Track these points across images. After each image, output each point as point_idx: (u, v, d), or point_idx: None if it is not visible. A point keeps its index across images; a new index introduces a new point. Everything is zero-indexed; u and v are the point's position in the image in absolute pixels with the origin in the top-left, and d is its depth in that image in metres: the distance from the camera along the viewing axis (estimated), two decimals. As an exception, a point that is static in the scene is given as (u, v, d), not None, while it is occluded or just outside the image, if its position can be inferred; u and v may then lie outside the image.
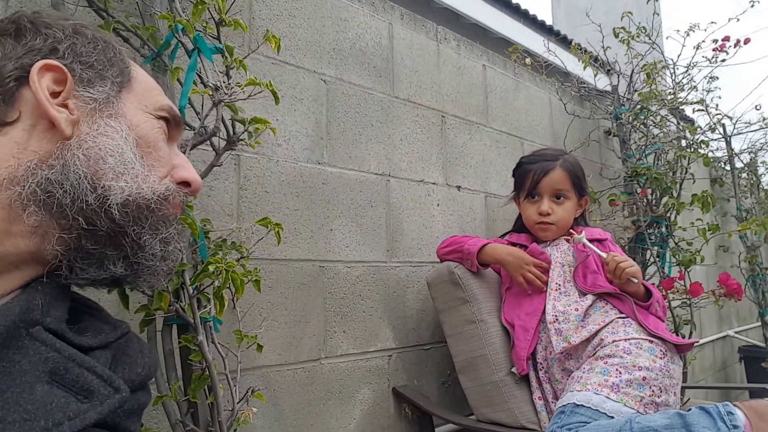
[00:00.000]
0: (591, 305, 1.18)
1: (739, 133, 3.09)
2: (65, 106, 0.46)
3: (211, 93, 0.85)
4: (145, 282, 0.51)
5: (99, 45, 0.50)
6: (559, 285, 1.24)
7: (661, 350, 1.09)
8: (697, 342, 1.18)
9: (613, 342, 1.10)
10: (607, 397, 0.99)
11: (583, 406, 0.98)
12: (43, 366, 0.41)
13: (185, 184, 0.54)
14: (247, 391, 0.90)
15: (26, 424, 0.38)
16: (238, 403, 0.88)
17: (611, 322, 1.14)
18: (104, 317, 0.53)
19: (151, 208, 0.48)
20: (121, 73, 0.51)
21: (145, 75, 0.55)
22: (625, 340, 1.09)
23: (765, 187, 3.46)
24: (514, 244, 1.35)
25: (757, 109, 3.00)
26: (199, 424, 0.83)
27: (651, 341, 1.10)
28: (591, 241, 1.27)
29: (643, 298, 1.18)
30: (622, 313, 1.16)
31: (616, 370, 1.04)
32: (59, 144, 0.45)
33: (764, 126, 3.02)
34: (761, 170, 3.45)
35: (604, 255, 1.18)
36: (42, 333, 0.43)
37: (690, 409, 0.87)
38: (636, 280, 1.13)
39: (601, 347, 1.10)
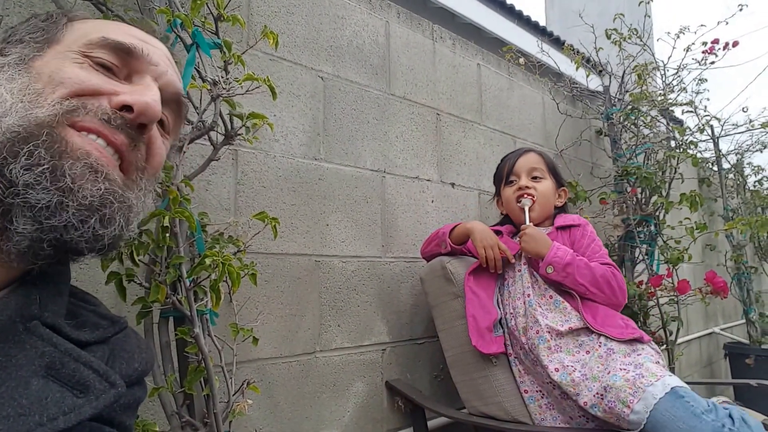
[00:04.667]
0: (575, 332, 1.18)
1: (727, 135, 3.15)
2: None
3: (209, 88, 0.86)
4: (73, 234, 0.42)
5: (32, 21, 0.50)
6: (542, 295, 1.24)
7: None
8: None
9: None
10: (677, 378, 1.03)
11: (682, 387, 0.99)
12: (39, 360, 0.41)
13: (128, 109, 0.47)
14: (242, 384, 0.91)
15: (20, 419, 0.38)
16: (233, 395, 0.89)
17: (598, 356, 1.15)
18: (102, 312, 0.53)
19: (11, 137, 0.41)
20: (47, 32, 0.48)
21: (93, 23, 0.51)
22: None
23: (751, 188, 3.53)
24: (495, 233, 1.39)
25: (744, 111, 3.04)
26: (194, 415, 0.84)
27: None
28: (564, 227, 1.31)
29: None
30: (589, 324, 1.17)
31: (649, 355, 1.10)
32: None
33: (750, 128, 3.08)
34: (747, 171, 3.51)
35: (523, 225, 1.25)
36: (39, 327, 0.43)
37: None
38: (533, 248, 1.21)
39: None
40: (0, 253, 0.42)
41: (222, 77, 0.87)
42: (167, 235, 0.79)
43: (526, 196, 1.32)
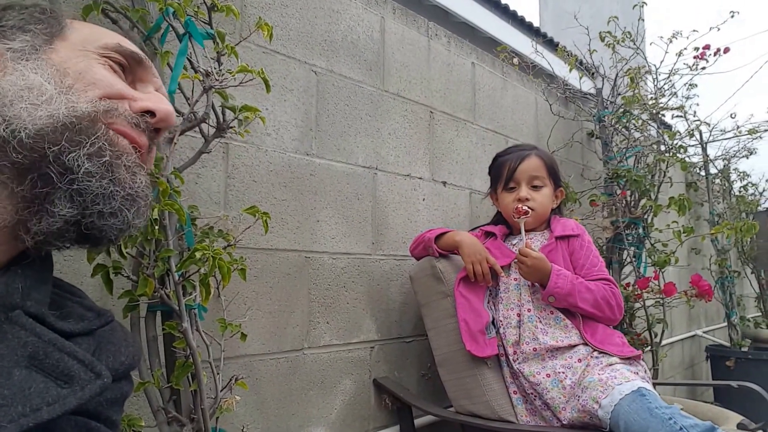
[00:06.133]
0: (568, 348, 1.19)
1: (715, 140, 3.20)
2: None
3: (201, 79, 0.84)
4: (110, 216, 0.45)
5: (25, 10, 0.50)
6: (542, 309, 1.25)
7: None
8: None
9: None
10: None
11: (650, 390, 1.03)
12: (21, 350, 0.40)
13: (150, 114, 0.51)
14: (230, 380, 0.90)
15: (2, 409, 0.37)
16: (221, 391, 0.88)
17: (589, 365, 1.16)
18: (88, 304, 0.52)
19: (66, 125, 0.44)
20: (50, 26, 0.49)
21: (93, 27, 0.53)
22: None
23: (736, 193, 3.59)
24: (488, 234, 1.38)
25: (732, 118, 3.09)
26: (181, 411, 0.83)
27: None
28: (562, 237, 1.31)
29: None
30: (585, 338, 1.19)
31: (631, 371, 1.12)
32: None
33: (738, 134, 3.13)
34: (733, 177, 3.58)
35: (521, 248, 1.24)
36: (21, 317, 0.42)
37: None
38: (529, 272, 1.21)
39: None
40: (17, 232, 0.44)
41: (215, 68, 0.86)
42: (156, 227, 0.77)
43: (522, 213, 1.27)
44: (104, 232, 0.46)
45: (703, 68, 2.32)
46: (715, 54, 2.32)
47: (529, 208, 1.29)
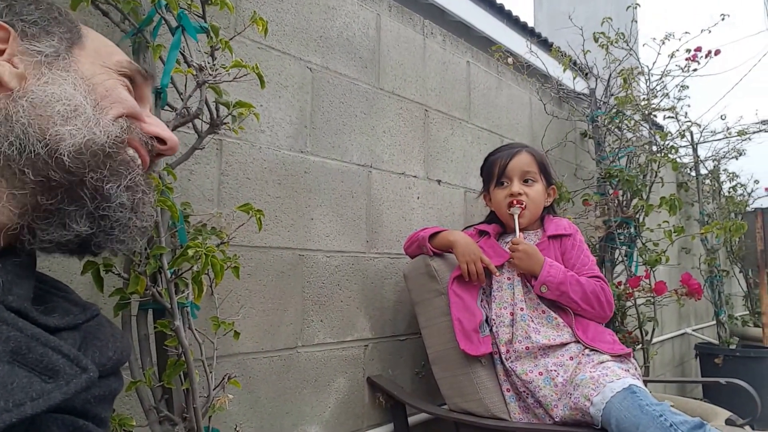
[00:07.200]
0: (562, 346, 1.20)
1: (705, 141, 3.24)
2: (11, 62, 0.45)
3: (194, 73, 0.83)
4: (118, 242, 0.47)
5: (42, 5, 0.49)
6: (534, 308, 1.26)
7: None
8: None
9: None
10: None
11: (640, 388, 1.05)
12: (3, 346, 0.39)
13: (160, 142, 0.54)
14: (223, 378, 0.90)
15: None
16: (214, 389, 0.87)
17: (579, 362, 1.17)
18: (73, 298, 0.51)
19: (107, 153, 0.45)
20: (69, 30, 0.49)
21: (99, 36, 0.54)
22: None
23: (725, 194, 3.63)
24: (482, 233, 1.39)
25: (722, 119, 3.12)
26: (173, 410, 0.82)
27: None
28: (555, 236, 1.32)
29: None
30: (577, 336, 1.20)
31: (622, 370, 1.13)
32: (2, 97, 0.44)
33: (728, 135, 3.17)
34: (723, 177, 3.62)
35: (513, 238, 1.26)
36: (3, 312, 0.41)
37: None
38: (521, 261, 1.24)
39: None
40: (19, 235, 0.44)
41: (208, 63, 0.85)
42: (148, 224, 0.76)
43: (516, 204, 1.30)
44: (103, 249, 0.48)
45: (695, 70, 2.34)
46: (706, 56, 2.35)
47: (520, 201, 1.31)
